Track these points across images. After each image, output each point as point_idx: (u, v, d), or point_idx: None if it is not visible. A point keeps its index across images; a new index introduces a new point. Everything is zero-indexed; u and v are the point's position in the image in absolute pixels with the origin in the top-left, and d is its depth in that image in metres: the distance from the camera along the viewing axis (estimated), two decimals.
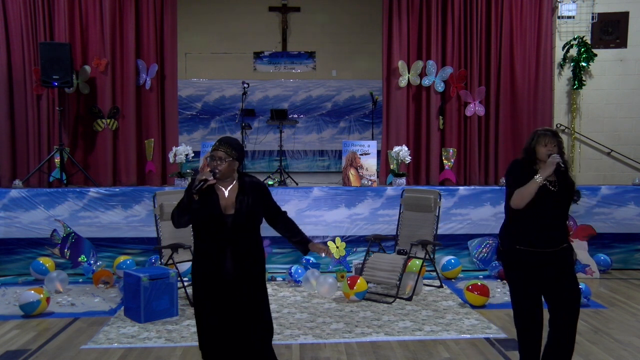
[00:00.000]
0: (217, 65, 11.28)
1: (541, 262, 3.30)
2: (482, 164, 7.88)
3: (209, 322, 3.18)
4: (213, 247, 3.15)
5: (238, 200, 3.17)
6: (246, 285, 3.18)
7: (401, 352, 4.24)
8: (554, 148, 3.32)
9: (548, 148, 3.31)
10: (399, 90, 7.78)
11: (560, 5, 7.81)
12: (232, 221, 3.13)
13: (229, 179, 3.22)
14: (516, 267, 3.39)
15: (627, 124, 8.01)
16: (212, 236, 3.16)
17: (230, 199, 3.17)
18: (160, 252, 5.67)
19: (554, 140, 3.34)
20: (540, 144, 3.33)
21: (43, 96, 7.54)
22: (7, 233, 6.66)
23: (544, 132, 3.37)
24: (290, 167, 10.33)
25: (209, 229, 3.16)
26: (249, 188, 3.22)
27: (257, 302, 3.23)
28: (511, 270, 3.45)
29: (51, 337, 4.58)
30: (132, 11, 7.62)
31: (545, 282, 3.34)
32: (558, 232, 3.33)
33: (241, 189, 3.21)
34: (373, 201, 6.92)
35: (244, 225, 3.16)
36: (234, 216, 3.14)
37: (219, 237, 3.14)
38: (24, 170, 7.55)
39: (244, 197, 3.18)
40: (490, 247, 6.85)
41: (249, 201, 3.18)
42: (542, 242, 3.29)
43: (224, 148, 3.16)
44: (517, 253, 3.34)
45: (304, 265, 6.45)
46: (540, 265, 3.31)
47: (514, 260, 3.38)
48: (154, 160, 7.67)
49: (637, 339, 4.52)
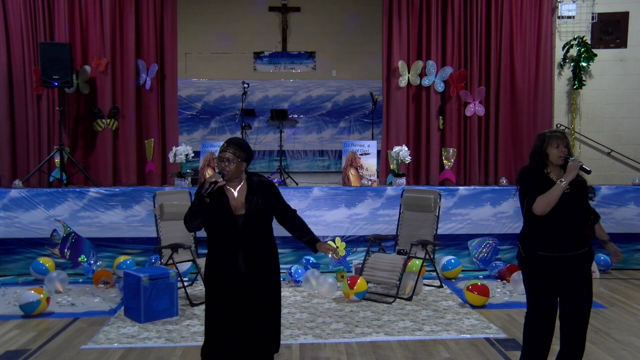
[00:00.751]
0: (217, 65, 11.28)
1: (562, 267, 3.25)
2: (482, 164, 7.88)
3: (218, 323, 3.18)
4: (225, 248, 3.18)
5: (248, 200, 3.19)
6: (259, 287, 3.17)
7: (401, 352, 4.24)
8: (565, 149, 3.25)
9: (560, 150, 3.24)
10: (399, 90, 7.78)
11: (560, 5, 7.81)
12: (243, 222, 3.16)
13: (237, 179, 3.24)
14: (537, 274, 3.31)
15: (627, 124, 8.02)
16: (223, 237, 3.18)
17: (240, 200, 3.20)
18: (160, 252, 5.67)
19: (565, 141, 3.27)
20: (553, 146, 3.25)
21: (43, 96, 7.54)
22: (7, 233, 6.66)
23: (554, 134, 3.28)
24: (290, 167, 10.32)
25: (221, 230, 3.18)
26: (258, 188, 3.25)
27: (268, 306, 3.22)
28: (531, 278, 3.37)
29: (51, 337, 4.58)
30: (132, 11, 7.62)
31: (562, 287, 3.29)
32: (577, 235, 3.27)
33: (250, 189, 3.23)
34: (373, 201, 6.92)
35: (254, 225, 3.19)
36: (244, 216, 3.16)
37: (231, 238, 3.16)
38: (24, 170, 7.55)
39: (254, 196, 3.20)
40: (490, 247, 6.85)
41: (258, 201, 3.20)
42: (563, 246, 3.24)
43: (232, 149, 3.18)
44: (539, 259, 3.27)
45: (304, 265, 6.45)
46: (560, 270, 3.26)
47: (536, 267, 3.31)
48: (154, 160, 7.67)
49: (637, 339, 4.52)
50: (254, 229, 3.19)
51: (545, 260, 3.27)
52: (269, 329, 3.25)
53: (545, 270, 3.28)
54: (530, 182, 3.28)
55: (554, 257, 3.25)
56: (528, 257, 3.34)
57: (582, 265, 3.29)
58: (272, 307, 3.26)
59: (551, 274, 3.28)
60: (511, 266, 6.44)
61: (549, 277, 3.28)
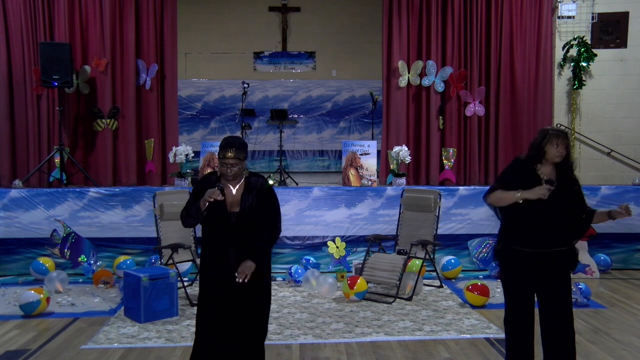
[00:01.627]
0: (217, 65, 11.28)
1: (536, 264, 3.22)
2: (482, 164, 7.88)
3: (208, 317, 3.24)
4: (218, 243, 3.25)
5: (243, 198, 3.25)
6: (248, 283, 3.21)
7: (401, 352, 4.24)
8: (564, 150, 3.22)
9: (559, 149, 3.22)
10: (399, 90, 7.78)
11: (560, 5, 7.81)
12: (236, 219, 3.22)
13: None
14: (511, 267, 3.32)
15: (627, 124, 8.02)
16: (217, 232, 3.25)
17: (236, 197, 3.26)
18: (160, 252, 5.67)
19: (565, 141, 3.23)
20: (552, 144, 3.22)
21: (43, 96, 7.54)
22: (7, 233, 6.66)
23: (556, 133, 3.25)
24: (290, 167, 10.32)
25: (215, 225, 3.25)
26: (255, 188, 3.29)
27: (256, 302, 3.28)
28: (506, 270, 3.39)
29: (51, 337, 4.58)
30: (132, 11, 7.62)
31: (539, 284, 3.27)
32: (556, 233, 3.22)
33: (247, 188, 3.28)
34: (373, 201, 6.92)
35: (247, 223, 3.24)
36: (238, 214, 3.23)
37: (224, 234, 3.23)
38: (24, 170, 7.55)
39: (249, 196, 3.26)
40: (490, 247, 6.84)
41: (252, 200, 3.25)
42: (537, 243, 3.21)
43: (234, 152, 3.17)
44: (513, 253, 3.28)
45: (304, 265, 6.45)
46: (535, 266, 3.23)
47: (509, 260, 3.32)
48: (154, 160, 7.67)
49: (637, 339, 4.52)
50: (247, 227, 3.25)
51: (518, 255, 3.25)
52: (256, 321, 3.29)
53: (518, 265, 3.26)
54: (511, 173, 3.32)
55: (526, 252, 3.23)
56: (502, 251, 3.35)
57: (559, 264, 3.24)
58: (260, 303, 3.31)
59: (525, 270, 3.25)
60: None
61: (523, 274, 3.26)
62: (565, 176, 3.27)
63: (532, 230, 3.22)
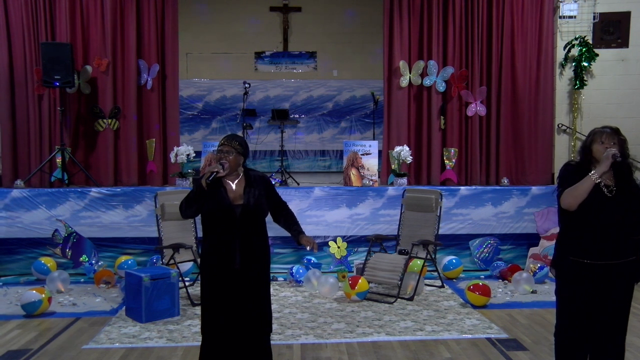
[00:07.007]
0: (218, 65, 11.28)
1: (595, 276, 2.98)
2: (484, 164, 7.87)
3: (214, 313, 3.25)
4: (222, 238, 3.26)
5: (246, 192, 3.30)
6: (252, 277, 3.27)
7: (402, 352, 4.24)
8: (613, 146, 2.99)
9: (605, 145, 2.99)
10: (400, 90, 7.77)
11: (561, 5, 7.79)
12: (241, 211, 3.25)
13: (235, 173, 3.35)
14: (568, 280, 3.06)
15: (628, 123, 7.97)
16: (221, 227, 3.26)
17: (238, 192, 3.31)
18: (162, 252, 5.67)
19: (613, 137, 3.02)
20: (597, 142, 3.01)
21: (44, 96, 7.54)
22: (9, 233, 6.67)
23: (601, 130, 3.05)
24: (291, 167, 10.32)
25: (218, 220, 3.26)
26: (255, 181, 3.37)
27: (260, 295, 3.32)
28: (562, 283, 3.11)
29: (53, 337, 4.59)
30: (133, 11, 7.62)
31: (595, 299, 3.02)
32: (617, 244, 2.96)
33: (248, 182, 3.35)
34: (374, 201, 6.92)
35: (252, 215, 3.28)
36: (242, 206, 3.26)
37: (228, 228, 3.24)
38: (26, 170, 7.55)
39: (251, 188, 3.32)
40: (491, 247, 6.85)
41: (256, 193, 3.32)
42: (596, 254, 2.96)
43: (230, 142, 3.32)
44: (570, 264, 3.02)
45: (305, 265, 6.45)
46: (595, 280, 2.99)
47: (566, 273, 3.06)
48: (155, 160, 7.67)
49: (637, 338, 4.51)
50: (251, 219, 3.28)
51: (576, 266, 3.00)
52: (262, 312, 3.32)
53: (574, 277, 3.02)
54: (566, 176, 3.05)
55: (585, 263, 2.98)
56: (558, 262, 3.11)
57: (621, 276, 2.99)
58: (263, 295, 3.35)
59: (582, 284, 3.00)
60: (512, 266, 6.44)
61: (579, 287, 3.00)
62: (623, 179, 3.03)
63: (591, 239, 2.98)
